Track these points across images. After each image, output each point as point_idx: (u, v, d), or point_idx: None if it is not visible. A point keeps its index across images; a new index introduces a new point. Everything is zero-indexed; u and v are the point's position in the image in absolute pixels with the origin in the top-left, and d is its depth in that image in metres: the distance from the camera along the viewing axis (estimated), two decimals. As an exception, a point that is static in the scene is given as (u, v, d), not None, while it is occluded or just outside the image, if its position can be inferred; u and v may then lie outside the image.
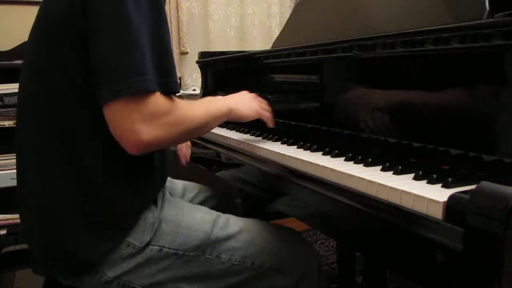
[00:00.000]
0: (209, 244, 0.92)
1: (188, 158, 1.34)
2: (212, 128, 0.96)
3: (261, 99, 1.09)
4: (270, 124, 1.07)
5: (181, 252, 0.90)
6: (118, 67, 0.74)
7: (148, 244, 0.88)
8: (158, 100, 0.77)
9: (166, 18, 0.81)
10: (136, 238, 0.88)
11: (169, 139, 0.81)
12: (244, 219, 1.01)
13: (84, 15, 0.76)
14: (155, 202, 0.95)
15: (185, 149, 1.35)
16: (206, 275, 0.91)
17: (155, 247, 0.89)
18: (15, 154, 0.91)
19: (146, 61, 0.75)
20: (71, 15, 0.77)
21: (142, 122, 0.75)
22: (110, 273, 0.87)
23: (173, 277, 0.90)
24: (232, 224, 0.97)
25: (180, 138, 0.92)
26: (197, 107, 0.91)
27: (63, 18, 0.79)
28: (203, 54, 1.65)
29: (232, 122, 1.31)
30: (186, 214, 0.95)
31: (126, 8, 0.74)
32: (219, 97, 1.06)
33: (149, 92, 0.76)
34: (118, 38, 0.74)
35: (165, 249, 0.89)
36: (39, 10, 0.87)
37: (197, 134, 1.01)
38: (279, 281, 0.96)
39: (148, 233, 0.89)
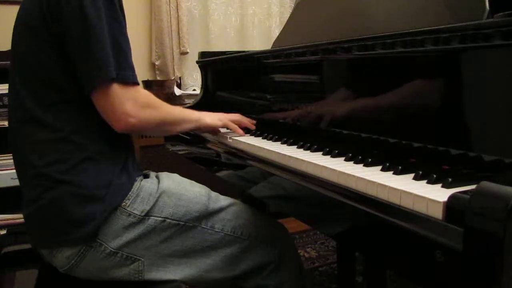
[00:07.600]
0: (205, 216, 1.02)
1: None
2: (183, 129, 1.09)
3: (232, 114, 1.19)
4: (239, 132, 1.17)
5: (182, 223, 0.99)
6: (95, 62, 0.86)
7: (150, 214, 0.95)
8: (136, 87, 0.92)
9: (122, 20, 0.93)
10: (136, 207, 0.95)
11: (150, 121, 0.94)
12: (228, 197, 1.12)
13: (52, 21, 0.87)
14: (145, 176, 1.05)
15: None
16: (202, 246, 1.00)
17: (159, 218, 0.96)
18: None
19: (110, 56, 0.88)
20: (43, 22, 0.88)
21: (129, 102, 0.88)
22: (113, 244, 0.92)
23: (173, 249, 0.98)
24: (222, 198, 1.09)
25: (159, 124, 1.00)
26: (171, 106, 1.05)
27: (38, 26, 0.89)
28: (203, 54, 1.65)
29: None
30: (185, 188, 1.04)
31: (87, 13, 0.85)
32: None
33: (113, 80, 0.87)
34: (85, 40, 0.86)
35: (168, 220, 0.97)
36: (16, 19, 0.96)
37: (171, 127, 1.07)
38: (263, 253, 1.06)
39: (148, 203, 0.96)
